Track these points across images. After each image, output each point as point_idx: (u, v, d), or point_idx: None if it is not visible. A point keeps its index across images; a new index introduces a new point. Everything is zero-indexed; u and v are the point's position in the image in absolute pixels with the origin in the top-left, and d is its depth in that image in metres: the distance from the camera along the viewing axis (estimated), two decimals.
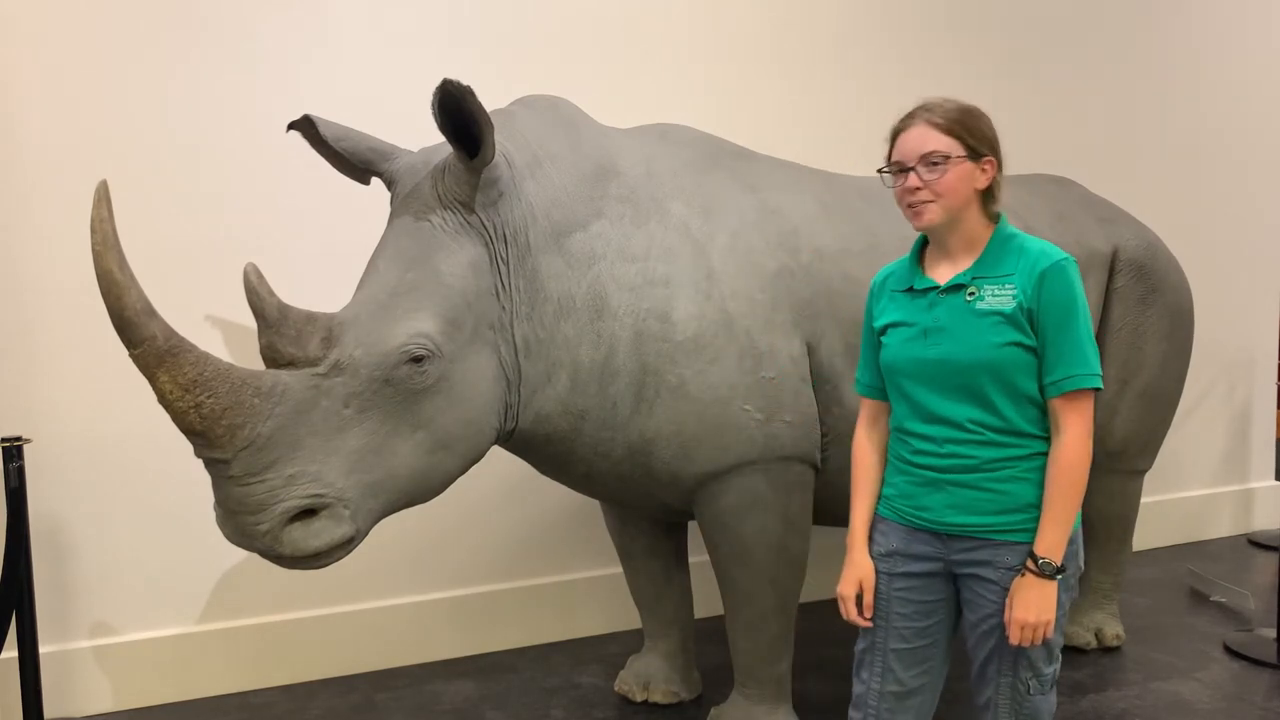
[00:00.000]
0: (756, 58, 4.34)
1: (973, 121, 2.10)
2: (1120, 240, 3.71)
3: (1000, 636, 2.09)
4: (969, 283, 2.08)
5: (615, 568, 4.13)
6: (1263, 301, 5.67)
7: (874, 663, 2.23)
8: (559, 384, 2.67)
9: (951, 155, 2.05)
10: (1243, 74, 5.52)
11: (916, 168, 2.05)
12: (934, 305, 2.11)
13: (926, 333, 2.10)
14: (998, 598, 2.08)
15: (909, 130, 2.09)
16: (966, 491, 2.08)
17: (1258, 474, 5.77)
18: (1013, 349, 2.02)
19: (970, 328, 2.05)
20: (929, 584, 2.18)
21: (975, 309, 2.05)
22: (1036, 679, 2.11)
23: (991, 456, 2.06)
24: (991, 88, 4.85)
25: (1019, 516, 2.06)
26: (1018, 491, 2.06)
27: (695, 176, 2.91)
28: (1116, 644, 3.91)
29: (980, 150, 2.10)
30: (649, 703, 3.47)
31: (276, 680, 3.72)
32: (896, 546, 2.19)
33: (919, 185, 2.05)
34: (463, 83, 2.30)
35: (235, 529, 2.29)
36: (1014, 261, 2.08)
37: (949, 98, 2.14)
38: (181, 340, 2.17)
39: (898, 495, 2.20)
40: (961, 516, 2.09)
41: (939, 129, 2.06)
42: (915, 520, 2.16)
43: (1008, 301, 2.03)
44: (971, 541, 2.10)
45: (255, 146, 3.56)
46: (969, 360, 2.04)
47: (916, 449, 2.14)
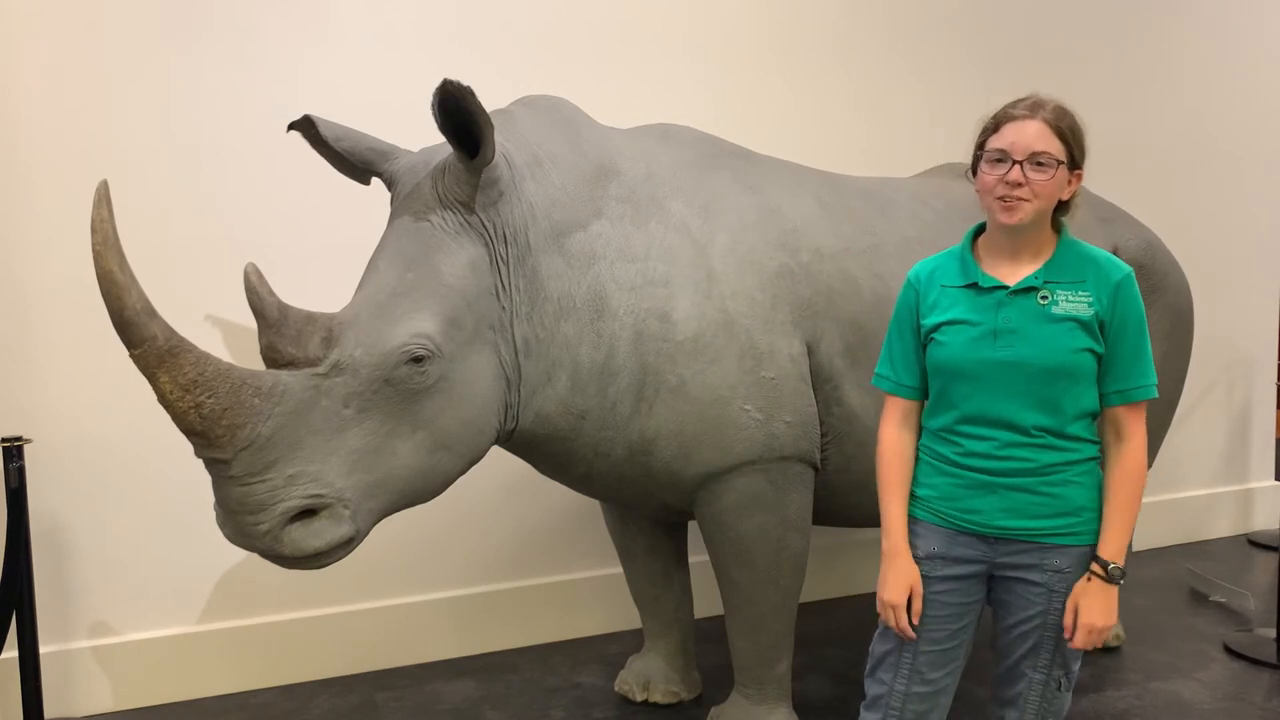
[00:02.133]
0: (756, 58, 4.34)
1: (1080, 131, 2.08)
2: (1120, 240, 3.71)
3: (1040, 636, 2.11)
4: (1040, 286, 2.06)
5: (615, 568, 4.13)
6: (1262, 301, 5.67)
7: (900, 664, 2.21)
8: (559, 384, 2.67)
9: (1061, 160, 2.02)
10: (1242, 74, 5.52)
11: (1023, 163, 2.01)
12: (1003, 306, 2.07)
13: (996, 334, 2.07)
14: (1043, 600, 2.09)
15: (1021, 123, 2.03)
16: (1021, 495, 2.07)
17: (1258, 474, 5.77)
18: (1086, 355, 2.03)
19: (1045, 332, 2.03)
20: (967, 587, 2.17)
21: (1050, 313, 2.04)
22: (1067, 676, 2.15)
23: (1050, 461, 2.06)
24: (991, 88, 4.85)
25: (1071, 520, 2.07)
26: (1071, 495, 2.07)
27: (695, 176, 2.91)
28: (1116, 644, 3.91)
29: (1078, 161, 2.08)
30: (649, 703, 3.47)
31: (276, 680, 3.72)
32: (936, 550, 2.16)
33: (1022, 181, 2.01)
34: (463, 83, 2.30)
35: (235, 529, 2.29)
36: (1085, 269, 2.07)
37: (1055, 97, 2.09)
38: (182, 340, 2.17)
39: (939, 497, 2.17)
40: (1014, 520, 2.08)
41: (1053, 131, 2.03)
42: (961, 523, 2.13)
43: (1084, 309, 2.03)
44: (1020, 545, 2.09)
45: (255, 146, 3.56)
46: (1044, 364, 2.02)
47: (968, 450, 2.11)
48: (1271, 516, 5.69)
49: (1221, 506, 5.60)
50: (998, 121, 2.08)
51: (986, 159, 2.07)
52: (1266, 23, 5.55)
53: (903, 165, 4.43)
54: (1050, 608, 2.09)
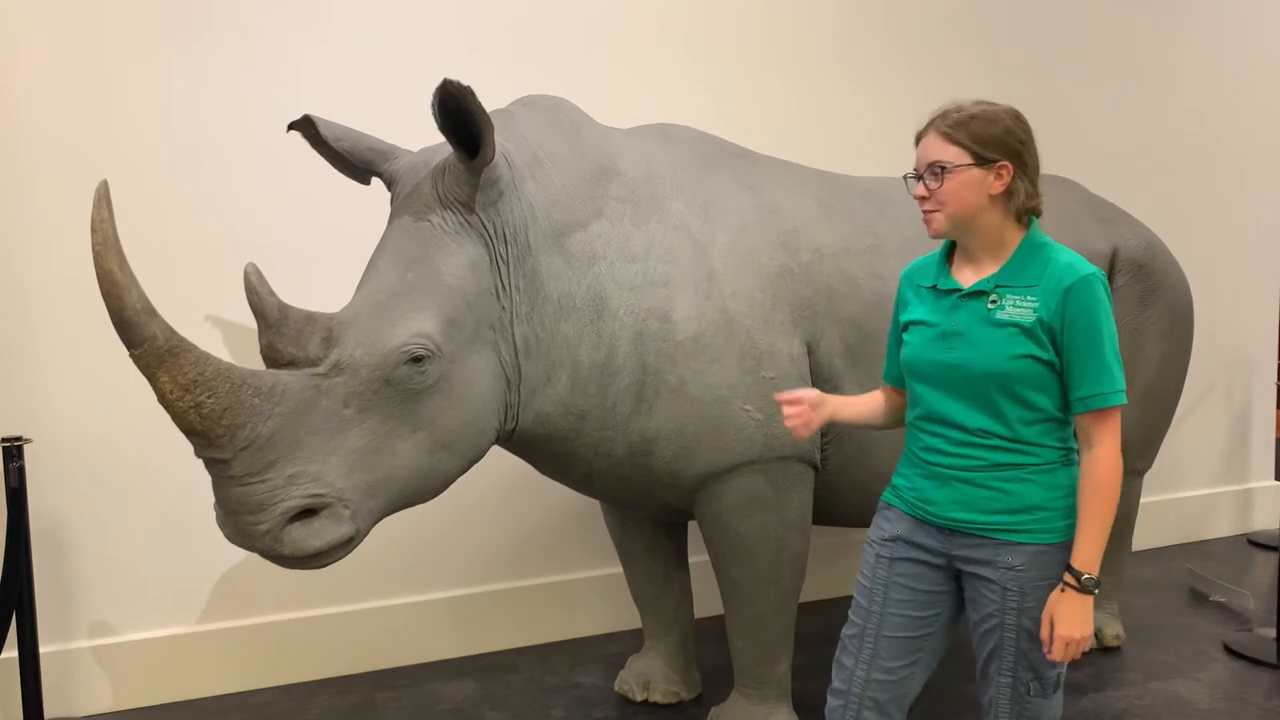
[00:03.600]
0: (757, 58, 4.34)
1: (983, 127, 2.03)
2: (1120, 240, 3.71)
3: (1000, 637, 2.10)
4: (991, 290, 2.06)
5: (615, 568, 4.13)
6: (1262, 302, 5.67)
7: (861, 649, 2.23)
8: (559, 384, 2.67)
9: (953, 165, 2.02)
10: (1242, 74, 5.52)
11: (923, 177, 2.08)
12: (955, 309, 2.11)
13: (945, 336, 2.10)
14: (998, 597, 2.08)
15: (923, 140, 2.11)
16: (971, 489, 2.09)
17: (1258, 474, 5.77)
18: (1027, 361, 2.01)
19: (987, 336, 2.04)
20: (929, 574, 2.19)
21: (995, 318, 2.04)
22: (1038, 680, 2.10)
23: (1000, 460, 2.07)
24: (991, 89, 4.84)
25: (1021, 517, 2.06)
26: (1023, 492, 2.06)
27: (695, 176, 2.91)
28: (1116, 644, 3.91)
29: (989, 156, 2.03)
30: (649, 703, 3.47)
31: (276, 680, 3.72)
32: (901, 533, 2.21)
33: (925, 195, 2.07)
34: (463, 83, 2.30)
35: (235, 529, 2.29)
36: (1038, 273, 2.04)
37: (968, 102, 2.08)
38: (182, 340, 2.17)
39: (907, 487, 2.22)
40: (964, 513, 2.10)
41: (944, 138, 2.05)
42: (920, 512, 2.18)
43: (1028, 314, 2.01)
44: (973, 539, 2.11)
45: (255, 146, 3.56)
46: (983, 369, 2.03)
47: (926, 445, 2.16)
48: (1271, 516, 5.69)
49: (1221, 506, 5.60)
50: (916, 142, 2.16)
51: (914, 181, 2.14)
52: (1266, 22, 5.55)
53: (902, 165, 4.41)
54: (1005, 606, 2.07)
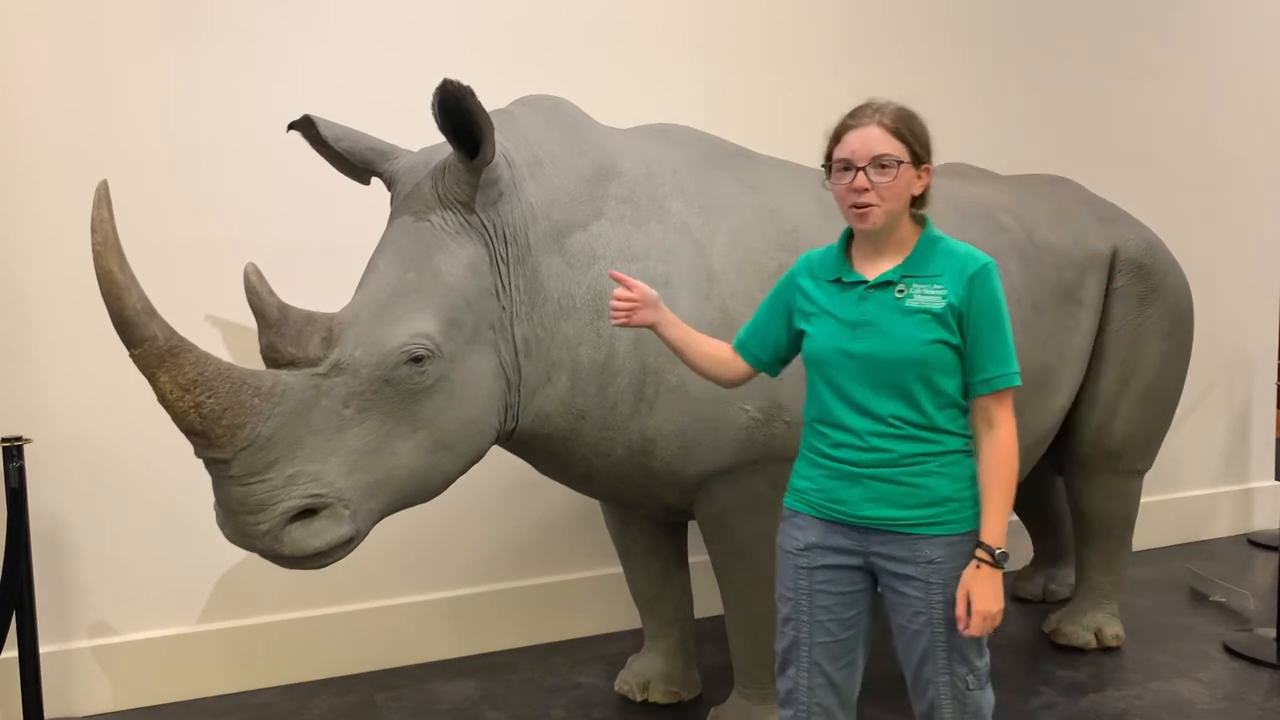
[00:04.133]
0: (756, 58, 4.34)
1: (918, 128, 2.14)
2: (1120, 240, 3.71)
3: (931, 635, 2.12)
4: (898, 280, 2.12)
5: (615, 568, 4.13)
6: (1262, 302, 5.67)
7: (799, 659, 2.25)
8: (559, 384, 2.67)
9: (897, 160, 2.08)
10: (1243, 74, 5.51)
11: (866, 169, 2.07)
12: (863, 300, 2.14)
13: (855, 326, 2.13)
14: (921, 593, 2.11)
15: (860, 130, 2.11)
16: (884, 485, 2.12)
17: (1258, 474, 5.76)
18: (938, 347, 2.08)
19: (898, 324, 2.09)
20: (848, 575, 2.21)
21: (904, 306, 2.10)
22: (973, 674, 2.15)
23: (911, 451, 2.10)
24: (992, 88, 4.85)
25: (934, 510, 2.11)
26: (935, 486, 2.11)
27: (695, 176, 2.91)
28: (1116, 644, 3.91)
29: (922, 157, 2.14)
30: (649, 703, 3.47)
31: (276, 680, 3.72)
32: (814, 540, 2.21)
33: (868, 187, 2.08)
34: (463, 83, 2.30)
35: (235, 529, 2.29)
36: (942, 262, 2.13)
37: (892, 100, 2.16)
38: (181, 340, 2.17)
39: (813, 489, 2.22)
40: (879, 510, 2.13)
41: (890, 132, 2.09)
42: (832, 513, 2.18)
43: (937, 301, 2.08)
44: (889, 535, 2.14)
45: (255, 146, 3.55)
46: (896, 356, 2.07)
47: (836, 442, 2.16)
48: (1271, 516, 5.69)
49: (1221, 506, 5.60)
50: (839, 132, 2.16)
51: (834, 170, 2.14)
52: (1266, 22, 5.55)
53: None
54: (930, 600, 2.11)
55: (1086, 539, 3.96)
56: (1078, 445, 3.79)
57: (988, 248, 3.30)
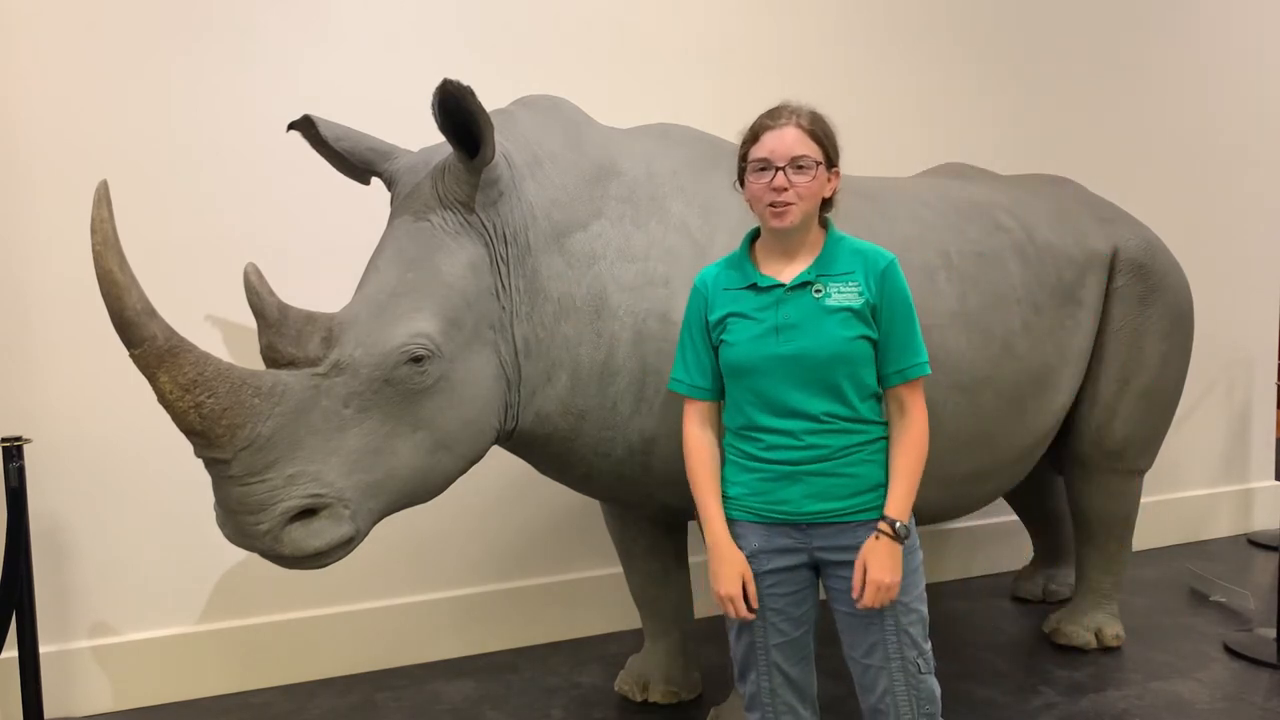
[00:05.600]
0: (756, 58, 4.34)
1: (832, 133, 2.21)
2: (1120, 240, 3.71)
3: (880, 619, 2.18)
4: (814, 280, 2.17)
5: (615, 568, 4.13)
6: (1262, 301, 5.67)
7: (758, 662, 2.29)
8: (559, 384, 2.67)
9: (819, 162, 2.15)
10: (1242, 74, 5.52)
11: (785, 169, 2.12)
12: (781, 303, 2.18)
13: (778, 330, 2.16)
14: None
15: (779, 130, 2.15)
16: (822, 480, 2.17)
17: (1258, 474, 5.77)
18: (861, 342, 2.16)
19: (822, 323, 2.14)
20: (795, 575, 2.25)
21: (825, 305, 2.15)
22: (922, 657, 2.21)
23: (843, 444, 2.16)
24: (992, 88, 4.85)
25: (869, 496, 2.18)
26: (867, 474, 2.18)
27: (695, 176, 2.91)
28: (1116, 644, 3.91)
29: (834, 160, 2.20)
30: (649, 703, 3.47)
31: (276, 680, 3.72)
32: (758, 545, 2.24)
33: (787, 186, 2.12)
34: (463, 83, 2.30)
35: (235, 529, 2.29)
36: (850, 260, 2.20)
37: (808, 103, 2.22)
38: (181, 340, 2.17)
39: (749, 494, 2.24)
40: (819, 504, 2.18)
41: (807, 134, 2.15)
42: (772, 515, 2.21)
43: (854, 298, 2.16)
44: (831, 528, 2.19)
45: (255, 146, 3.56)
46: (825, 354, 2.13)
47: (770, 444, 2.19)
48: (1271, 516, 5.70)
49: (1221, 506, 5.60)
50: (756, 132, 2.20)
51: (751, 169, 2.18)
52: (1266, 22, 5.55)
53: (902, 165, 4.43)
54: None
55: (1086, 539, 3.96)
56: (1078, 445, 3.78)
57: (988, 247, 3.30)
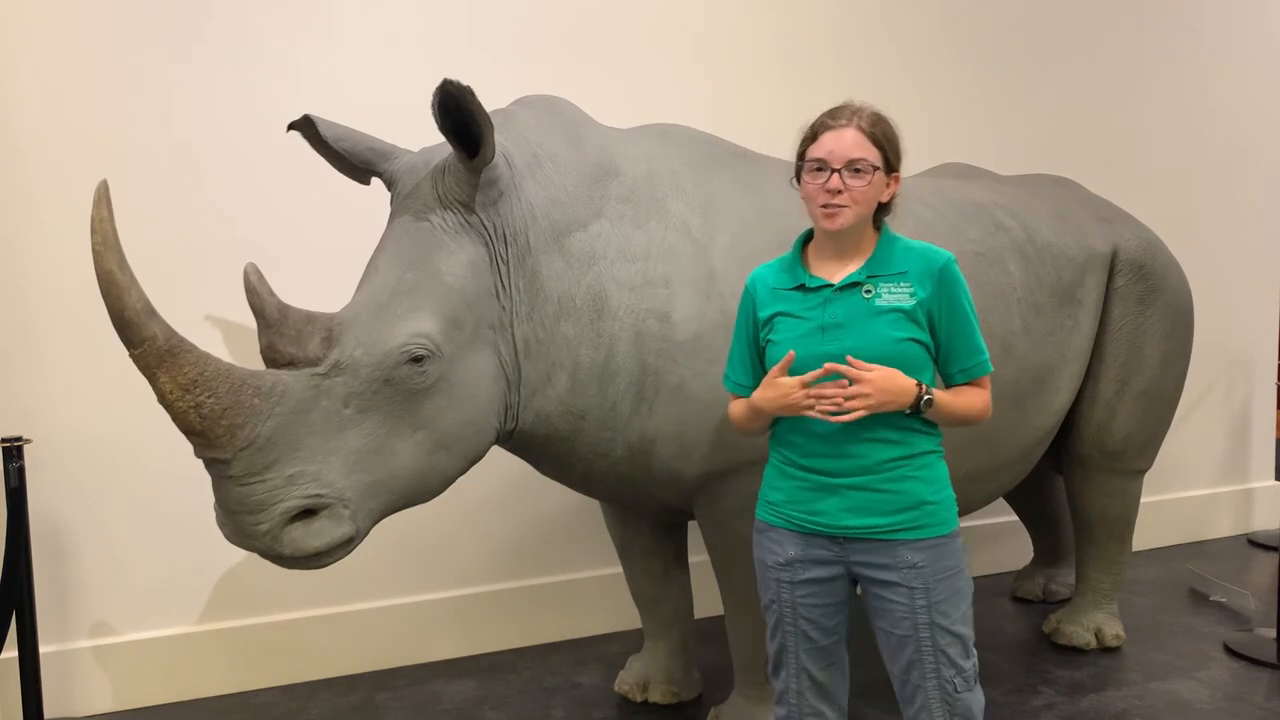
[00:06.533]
0: (757, 58, 4.34)
1: (894, 135, 2.17)
2: (1120, 240, 3.71)
3: (917, 641, 2.12)
4: (864, 280, 2.13)
5: (615, 568, 4.13)
6: (1262, 302, 5.67)
7: (788, 663, 2.27)
8: (559, 384, 2.67)
9: (877, 166, 2.11)
10: (1243, 74, 5.52)
11: (841, 171, 2.08)
12: (829, 303, 2.15)
13: (824, 329, 2.13)
14: (905, 598, 2.12)
15: (838, 131, 2.11)
16: (862, 494, 2.12)
17: (1258, 474, 5.77)
18: (910, 344, 2.10)
19: (870, 324, 2.10)
20: (832, 587, 2.20)
21: (874, 306, 2.11)
22: (960, 676, 2.14)
23: (885, 456, 2.11)
24: (992, 88, 4.85)
25: (913, 514, 2.12)
26: (911, 489, 2.12)
27: (696, 176, 2.91)
28: (1116, 644, 3.90)
29: (894, 165, 2.16)
30: (649, 703, 3.47)
31: (276, 680, 3.72)
32: (794, 554, 2.20)
33: (841, 189, 2.08)
34: (462, 83, 2.30)
35: (235, 529, 2.29)
36: (904, 260, 2.15)
37: (870, 104, 2.18)
38: (181, 340, 2.17)
39: (787, 501, 2.21)
40: (858, 519, 2.13)
41: (869, 138, 2.11)
42: (810, 526, 2.17)
43: (906, 299, 2.11)
44: (869, 544, 2.13)
45: (255, 146, 3.55)
46: (870, 355, 2.08)
47: (808, 450, 2.16)
48: (1271, 516, 5.69)
49: (1221, 506, 5.60)
50: (815, 131, 2.16)
51: (807, 168, 2.14)
52: (1267, 22, 5.55)
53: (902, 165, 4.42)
54: (915, 606, 2.11)
55: (1086, 539, 3.96)
56: (1078, 445, 3.78)
57: (988, 248, 3.30)
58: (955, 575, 2.14)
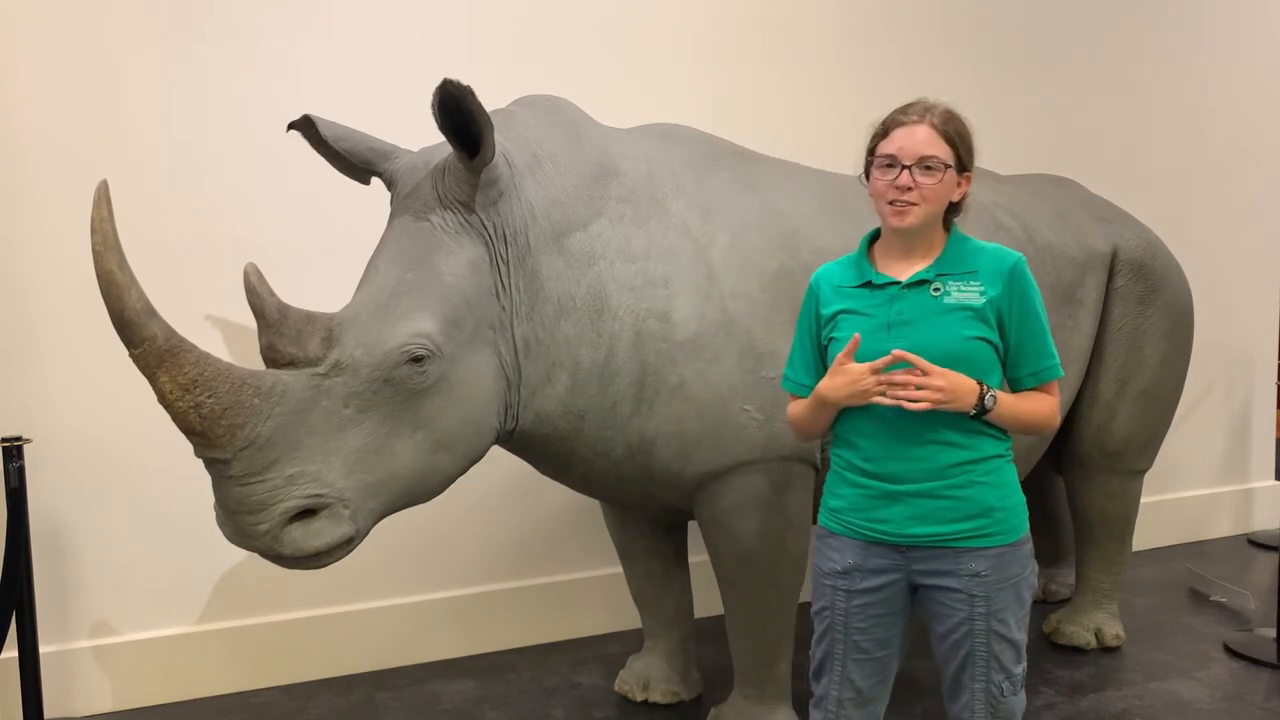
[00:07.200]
0: (756, 57, 4.34)
1: (967, 134, 2.11)
2: (1120, 240, 3.71)
3: (972, 645, 2.10)
4: (933, 278, 2.09)
5: (615, 568, 4.13)
6: (1262, 302, 5.67)
7: (832, 669, 2.22)
8: (559, 384, 2.67)
9: (948, 164, 2.06)
10: (1243, 74, 5.52)
11: (912, 168, 2.04)
12: (896, 300, 2.10)
13: (890, 327, 2.08)
14: (965, 606, 2.08)
15: (909, 128, 2.07)
16: (926, 501, 2.07)
17: (1258, 474, 5.77)
18: (979, 344, 2.06)
19: (938, 321, 2.06)
20: (889, 597, 2.16)
21: (943, 304, 2.07)
22: (1009, 680, 2.12)
23: (951, 461, 2.06)
24: (992, 87, 4.85)
25: (980, 522, 2.07)
26: (977, 496, 2.07)
27: (695, 176, 2.91)
28: (1116, 644, 3.91)
29: (966, 164, 2.11)
30: (649, 703, 3.47)
31: (276, 680, 3.72)
32: (853, 562, 2.15)
33: (911, 185, 2.04)
34: (463, 82, 2.30)
35: (235, 529, 2.29)
36: (974, 260, 2.11)
37: (943, 101, 2.13)
38: (181, 340, 2.17)
39: (849, 508, 2.16)
40: (922, 527, 2.08)
41: (941, 135, 2.06)
42: (871, 533, 2.13)
43: (975, 297, 2.06)
44: (932, 551, 2.09)
45: (255, 146, 3.55)
46: (938, 353, 2.02)
47: (870, 454, 2.11)
48: (1271, 516, 5.69)
49: (1221, 506, 5.60)
50: (887, 127, 2.11)
51: (877, 164, 2.10)
52: (1267, 22, 5.55)
53: None
54: (974, 613, 2.08)
55: (1086, 539, 3.96)
56: (1078, 445, 3.79)
57: None
58: (1018, 583, 2.09)
